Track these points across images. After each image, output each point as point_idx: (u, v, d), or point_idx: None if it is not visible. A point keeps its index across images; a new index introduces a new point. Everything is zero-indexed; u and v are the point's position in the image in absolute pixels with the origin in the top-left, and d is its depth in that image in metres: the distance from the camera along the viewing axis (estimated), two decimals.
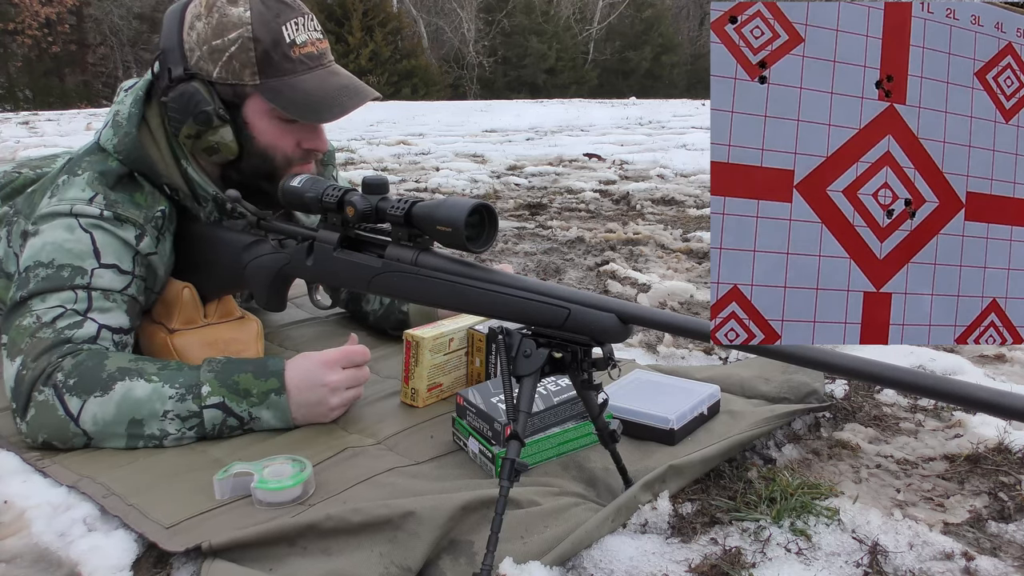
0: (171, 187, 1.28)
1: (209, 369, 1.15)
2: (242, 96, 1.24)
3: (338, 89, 1.26)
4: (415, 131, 7.94)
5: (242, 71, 1.22)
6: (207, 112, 1.21)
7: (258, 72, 1.22)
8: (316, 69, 1.25)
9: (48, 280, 1.17)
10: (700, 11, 28.39)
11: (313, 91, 1.24)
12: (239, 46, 1.21)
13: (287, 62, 1.22)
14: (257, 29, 1.21)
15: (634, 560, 0.90)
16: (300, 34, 1.24)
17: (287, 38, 1.22)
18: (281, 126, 1.27)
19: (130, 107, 1.26)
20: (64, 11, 20.02)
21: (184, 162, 1.28)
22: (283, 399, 1.15)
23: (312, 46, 1.26)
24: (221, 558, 0.87)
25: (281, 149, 1.28)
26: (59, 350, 1.13)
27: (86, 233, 1.20)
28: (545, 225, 3.12)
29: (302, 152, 1.30)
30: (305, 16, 1.26)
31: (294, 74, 1.23)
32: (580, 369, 0.92)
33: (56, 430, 1.11)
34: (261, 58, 1.21)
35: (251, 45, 1.21)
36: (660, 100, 15.26)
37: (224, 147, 1.25)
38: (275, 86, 1.22)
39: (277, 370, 1.16)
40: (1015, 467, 1.13)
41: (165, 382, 1.12)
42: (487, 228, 1.01)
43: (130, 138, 1.24)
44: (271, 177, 1.28)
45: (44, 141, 6.63)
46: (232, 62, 1.21)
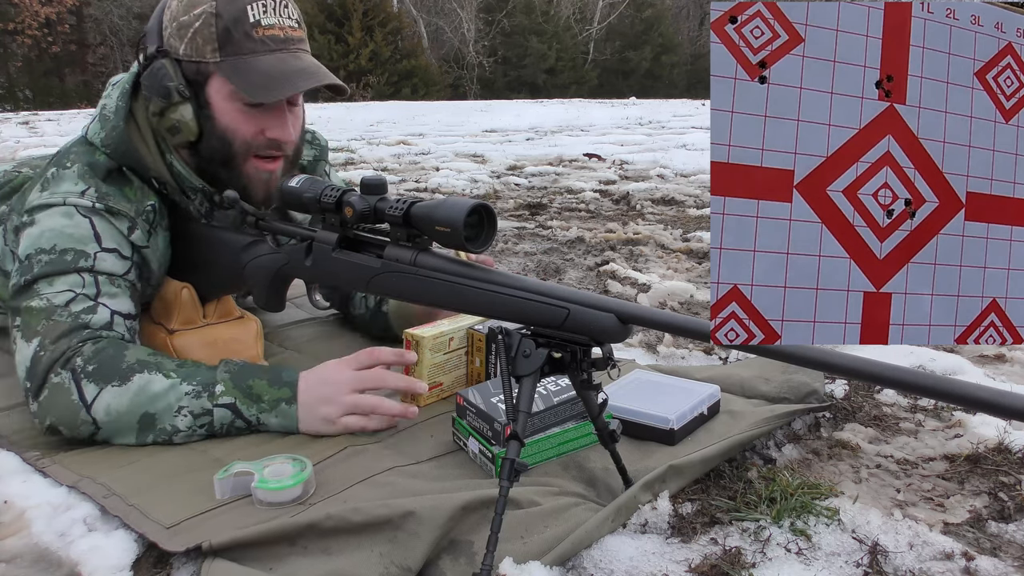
0: (159, 181, 1.28)
1: (226, 369, 1.15)
2: (205, 75, 1.23)
3: (295, 72, 1.23)
4: (415, 131, 7.94)
5: (204, 47, 1.21)
6: (167, 87, 1.21)
7: (218, 49, 1.20)
8: (278, 52, 1.23)
9: (52, 264, 1.17)
10: (700, 11, 28.39)
11: (269, 71, 1.21)
12: (203, 21, 1.20)
13: (248, 41, 1.21)
14: (220, 5, 1.20)
15: (634, 560, 0.90)
16: (268, 17, 1.22)
17: (251, 17, 1.21)
18: (243, 110, 1.24)
19: (116, 100, 1.26)
20: (64, 11, 20.04)
21: (168, 155, 1.27)
22: (293, 409, 1.15)
23: (279, 30, 1.23)
24: (221, 558, 0.87)
25: (241, 134, 1.25)
26: (79, 335, 1.14)
27: (85, 218, 1.20)
28: (545, 225, 3.12)
29: (265, 140, 1.26)
30: (278, 1, 1.24)
31: (254, 54, 1.21)
32: (580, 369, 0.92)
33: (66, 414, 1.10)
34: (222, 34, 1.20)
35: (213, 21, 1.20)
36: (660, 100, 15.26)
37: (184, 126, 1.23)
38: (234, 64, 1.21)
39: (291, 381, 1.16)
40: (1015, 467, 1.13)
41: (183, 379, 1.13)
42: (486, 228, 1.01)
43: (117, 131, 1.24)
44: (228, 163, 1.26)
45: (44, 141, 6.63)
46: (196, 38, 1.21)
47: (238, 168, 1.27)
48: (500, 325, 0.99)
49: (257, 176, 1.28)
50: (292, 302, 1.75)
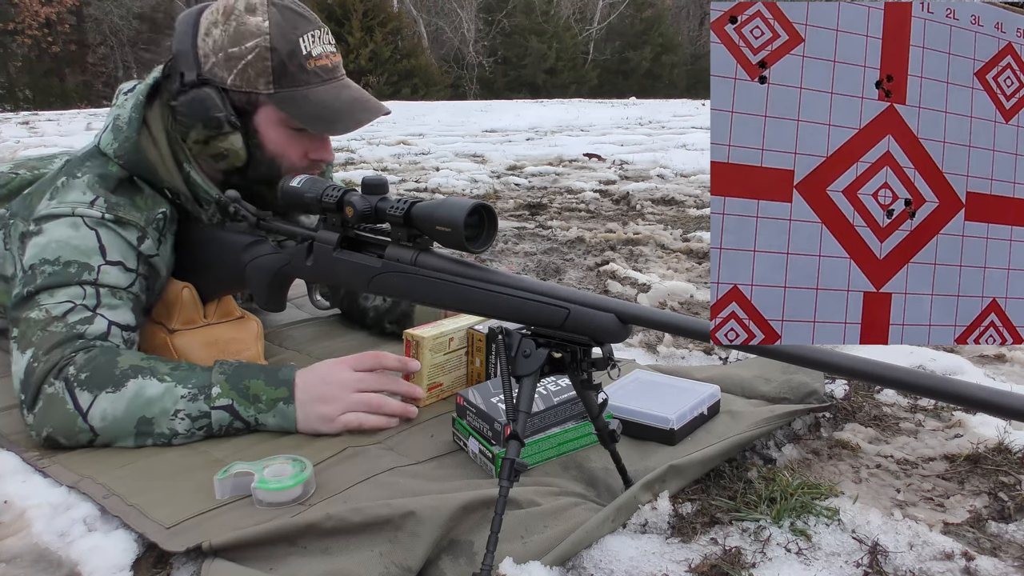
0: (172, 191, 1.28)
1: (221, 371, 1.15)
2: (255, 104, 1.25)
3: (350, 102, 1.28)
4: (415, 131, 7.94)
5: (257, 80, 1.23)
6: (218, 118, 1.22)
7: (273, 81, 1.23)
8: (329, 82, 1.27)
9: (55, 276, 1.17)
10: (700, 11, 28.39)
11: (326, 103, 1.25)
12: (256, 55, 1.22)
13: (302, 73, 1.24)
14: (275, 39, 1.22)
15: (634, 560, 0.90)
16: (316, 46, 1.25)
17: (303, 50, 1.24)
18: (290, 135, 1.28)
19: (131, 111, 1.26)
20: (64, 11, 20.04)
21: (187, 165, 1.28)
22: (291, 409, 1.15)
23: (326, 59, 1.27)
24: (221, 558, 0.87)
25: (288, 158, 1.29)
26: (72, 345, 1.14)
27: (91, 231, 1.20)
28: (545, 225, 3.12)
29: (308, 162, 1.31)
30: (321, 29, 1.28)
31: (308, 85, 1.24)
32: (580, 369, 0.92)
33: (63, 424, 1.10)
34: (277, 68, 1.23)
35: (268, 55, 1.22)
36: (660, 100, 15.26)
37: (233, 154, 1.26)
38: (289, 96, 1.24)
39: (288, 379, 1.16)
40: (1015, 467, 1.13)
41: (178, 382, 1.13)
42: (486, 228, 1.01)
43: (131, 143, 1.25)
44: (273, 184, 1.29)
45: (44, 141, 6.63)
46: (248, 70, 1.23)
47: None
48: (500, 325, 0.99)
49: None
50: (293, 302, 1.75)
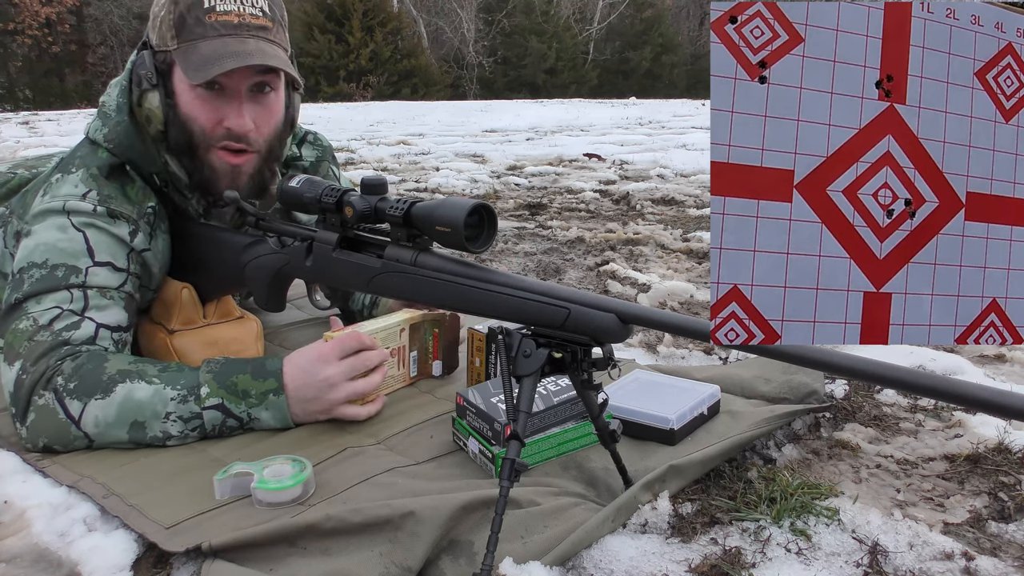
0: (160, 177, 1.28)
1: (208, 370, 1.14)
2: (168, 63, 1.23)
3: (232, 54, 1.18)
4: (415, 131, 7.94)
5: (166, 35, 1.21)
6: (139, 75, 1.23)
7: (176, 36, 1.20)
8: (226, 36, 1.19)
9: (42, 281, 1.16)
10: (700, 11, 28.38)
11: (208, 54, 1.18)
12: (166, 10, 1.21)
13: (199, 26, 1.19)
14: None
15: (634, 560, 0.90)
16: (226, 4, 1.20)
17: (206, 3, 1.19)
18: (203, 97, 1.22)
19: (116, 97, 1.27)
20: (64, 11, 20.05)
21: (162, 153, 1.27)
22: (282, 399, 1.15)
23: (236, 16, 1.20)
24: (221, 558, 0.87)
25: (199, 122, 1.23)
26: (58, 352, 1.13)
27: (79, 232, 1.20)
28: (545, 225, 3.12)
29: (223, 131, 1.23)
30: None
31: (203, 39, 1.19)
32: (580, 369, 0.92)
33: (57, 434, 1.10)
34: (178, 21, 1.20)
35: (172, 8, 1.21)
36: (660, 100, 15.26)
37: (152, 114, 1.24)
38: (186, 50, 1.20)
39: (275, 369, 1.16)
40: (1015, 467, 1.13)
41: (167, 384, 1.12)
42: (486, 228, 1.01)
43: (122, 126, 1.24)
44: (192, 153, 1.25)
45: (44, 141, 6.63)
46: (161, 26, 1.22)
47: (200, 158, 1.25)
48: (500, 325, 0.99)
49: (222, 168, 1.26)
50: (293, 303, 1.75)
